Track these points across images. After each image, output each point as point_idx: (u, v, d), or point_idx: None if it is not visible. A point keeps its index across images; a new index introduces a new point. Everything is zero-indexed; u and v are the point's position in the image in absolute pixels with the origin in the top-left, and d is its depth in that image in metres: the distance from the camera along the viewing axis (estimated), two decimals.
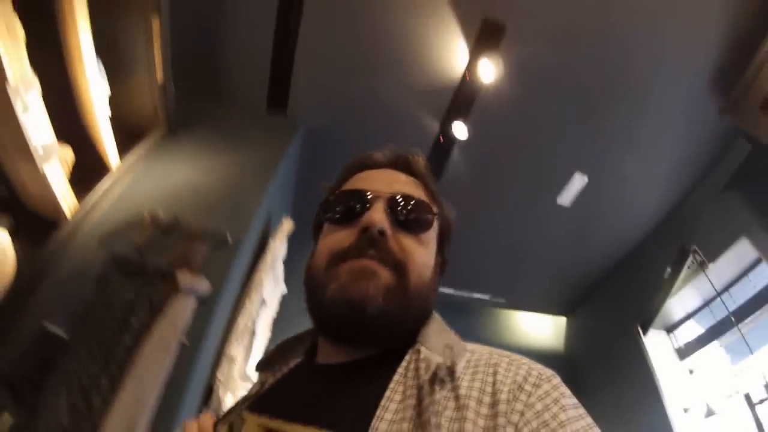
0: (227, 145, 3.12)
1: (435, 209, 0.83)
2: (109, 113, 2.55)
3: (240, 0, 3.13)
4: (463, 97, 3.29)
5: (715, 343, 3.84)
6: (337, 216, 0.80)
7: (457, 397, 0.60)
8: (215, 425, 0.74)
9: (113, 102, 2.62)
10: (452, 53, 3.18)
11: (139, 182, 2.74)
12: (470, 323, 5.42)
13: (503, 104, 3.33)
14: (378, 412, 0.60)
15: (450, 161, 3.72)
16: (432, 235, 0.82)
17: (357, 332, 0.71)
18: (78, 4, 2.12)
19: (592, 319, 5.24)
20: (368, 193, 0.80)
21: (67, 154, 2.39)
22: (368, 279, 0.70)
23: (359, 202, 0.79)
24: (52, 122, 2.10)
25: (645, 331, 4.15)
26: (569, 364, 5.26)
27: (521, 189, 4.06)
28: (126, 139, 2.75)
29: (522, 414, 0.58)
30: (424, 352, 0.69)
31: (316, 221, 0.88)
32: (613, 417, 4.22)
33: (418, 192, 0.85)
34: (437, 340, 0.73)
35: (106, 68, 2.52)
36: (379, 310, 0.69)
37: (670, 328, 4.30)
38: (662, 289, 4.00)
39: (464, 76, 3.19)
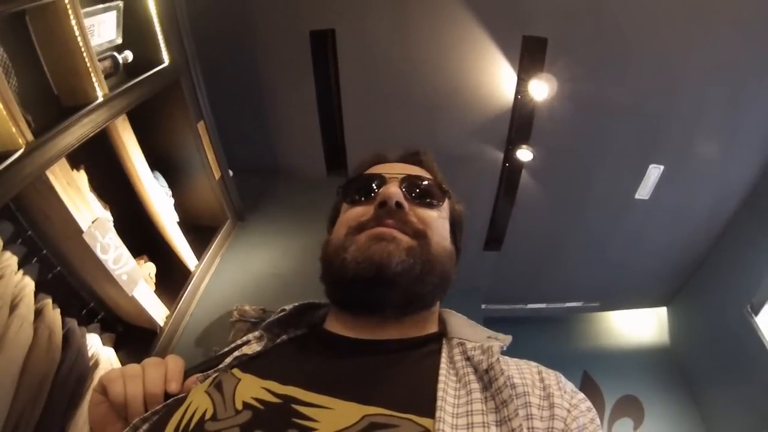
0: (297, 220, 3.17)
1: (443, 188, 0.86)
2: (177, 219, 2.68)
3: (278, 76, 3.23)
4: (520, 121, 3.23)
5: None
6: (355, 195, 0.83)
7: (513, 386, 0.60)
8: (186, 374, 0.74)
9: (183, 206, 2.79)
10: (500, 79, 3.14)
11: (220, 278, 2.84)
12: (566, 332, 5.26)
13: (561, 117, 3.22)
14: (439, 394, 0.59)
15: (521, 184, 3.63)
16: (445, 212, 0.85)
17: (382, 291, 0.70)
18: (125, 134, 2.24)
19: (696, 304, 4.87)
20: (384, 174, 0.84)
21: (150, 268, 2.53)
22: (389, 241, 0.71)
23: (375, 181, 0.82)
24: (131, 241, 2.23)
25: (759, 309, 3.81)
26: (678, 356, 4.96)
27: (596, 195, 3.90)
28: (202, 238, 2.88)
29: (569, 411, 0.60)
30: (471, 343, 0.69)
31: (332, 213, 0.91)
32: (735, 408, 3.93)
33: (427, 174, 0.89)
34: (474, 332, 0.74)
35: (167, 178, 2.66)
36: (404, 265, 0.69)
37: None
38: None
39: (516, 98, 3.11)
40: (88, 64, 1.86)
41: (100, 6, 2.03)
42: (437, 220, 0.80)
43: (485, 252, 4.18)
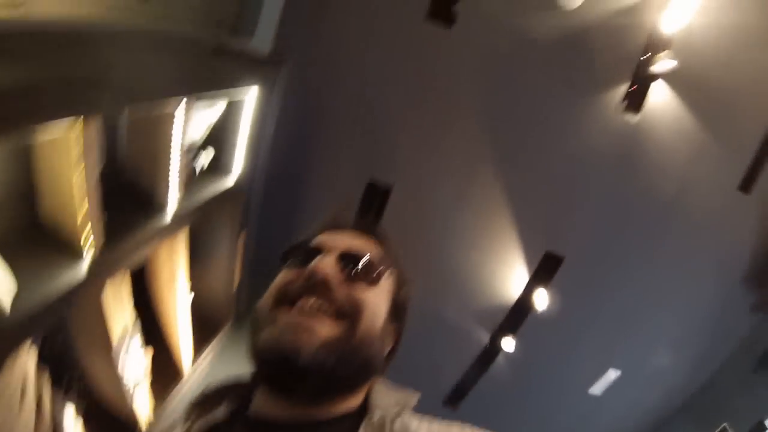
0: None
1: (387, 265, 0.81)
2: (189, 317, 2.67)
3: (323, 206, 3.33)
4: (515, 316, 3.47)
5: None
6: (291, 261, 0.79)
7: None
8: None
9: (195, 294, 2.76)
10: (513, 278, 3.39)
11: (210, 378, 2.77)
12: None
13: (548, 320, 3.48)
14: None
15: (494, 365, 3.81)
16: (384, 288, 0.80)
17: (290, 382, 0.67)
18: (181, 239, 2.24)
19: None
20: (323, 247, 0.80)
21: (148, 352, 2.46)
22: (302, 332, 0.67)
23: (312, 252, 0.79)
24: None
25: None
26: None
27: (555, 385, 4.06)
28: (203, 331, 2.85)
29: None
30: (377, 414, 0.68)
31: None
32: None
33: (373, 249, 0.83)
34: (388, 399, 0.72)
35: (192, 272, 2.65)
36: (314, 359, 0.65)
37: None
38: None
39: (520, 298, 3.39)
40: (170, 175, 1.92)
41: (202, 105, 2.09)
42: (372, 299, 0.76)
43: (442, 407, 4.25)
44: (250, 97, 2.25)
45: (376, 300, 0.76)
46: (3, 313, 1.35)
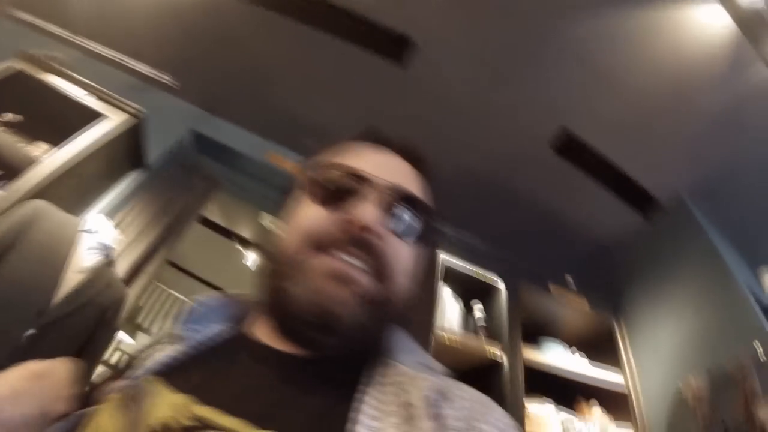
0: None
1: (433, 221, 0.74)
2: None
3: None
4: None
5: None
6: (322, 192, 0.69)
7: (444, 426, 0.53)
8: (92, 390, 0.64)
9: None
10: None
11: None
12: None
13: None
14: (357, 428, 0.52)
15: None
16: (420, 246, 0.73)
17: (321, 336, 0.62)
18: None
19: None
20: (366, 178, 0.69)
21: None
22: (346, 284, 0.62)
23: (353, 184, 0.68)
24: None
25: None
26: None
27: None
28: None
29: None
30: (404, 369, 0.63)
31: (294, 183, 0.76)
32: None
33: (420, 192, 0.74)
34: (411, 358, 0.67)
35: None
36: (356, 321, 0.62)
37: None
38: None
39: None
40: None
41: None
42: (406, 255, 0.69)
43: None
44: None
45: (411, 256, 0.71)
46: None
